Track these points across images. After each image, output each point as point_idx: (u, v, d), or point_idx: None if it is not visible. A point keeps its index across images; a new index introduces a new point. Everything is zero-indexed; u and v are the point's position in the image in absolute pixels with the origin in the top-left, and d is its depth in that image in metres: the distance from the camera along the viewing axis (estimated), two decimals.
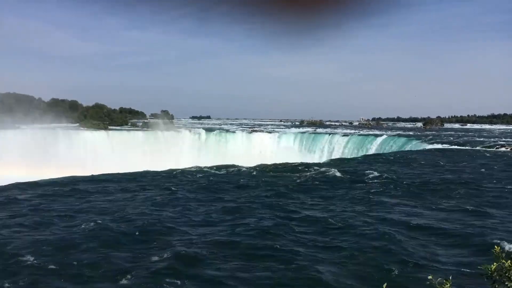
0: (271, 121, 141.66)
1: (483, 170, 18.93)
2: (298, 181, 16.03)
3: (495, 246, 2.97)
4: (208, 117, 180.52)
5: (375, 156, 27.99)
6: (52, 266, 7.12)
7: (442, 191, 13.82)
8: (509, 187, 14.60)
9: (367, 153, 36.02)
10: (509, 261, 2.82)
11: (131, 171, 18.04)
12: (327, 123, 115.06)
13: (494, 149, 30.78)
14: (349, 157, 34.63)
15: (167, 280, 6.63)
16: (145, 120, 71.79)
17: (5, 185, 14.34)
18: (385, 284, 3.41)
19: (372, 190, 14.00)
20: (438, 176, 16.88)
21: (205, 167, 19.80)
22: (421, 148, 33.57)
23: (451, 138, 42.06)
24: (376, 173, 17.06)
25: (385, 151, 34.97)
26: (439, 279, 2.93)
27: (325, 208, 11.46)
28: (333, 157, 38.03)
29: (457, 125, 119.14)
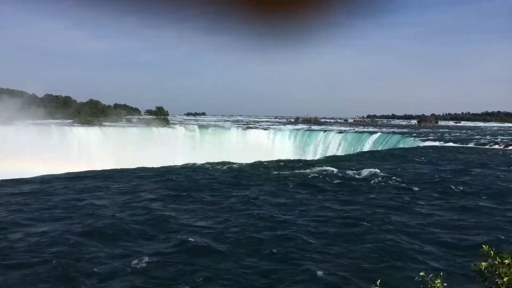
0: (267, 118, 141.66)
1: (478, 167, 19.04)
2: (292, 178, 16.03)
3: (483, 246, 2.98)
4: (203, 114, 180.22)
5: (370, 153, 28.06)
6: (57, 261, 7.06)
7: (435, 189, 13.89)
8: (503, 184, 14.71)
9: (362, 150, 36.10)
10: (498, 258, 2.83)
11: (125, 168, 17.94)
12: (322, 120, 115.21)
13: (487, 146, 31.01)
14: (344, 154, 34.71)
15: (168, 273, 6.60)
16: (140, 116, 71.45)
17: None
18: (379, 280, 3.40)
19: (366, 187, 14.04)
20: (431, 174, 16.96)
21: (200, 164, 19.73)
22: (415, 145, 33.73)
23: (445, 135, 42.29)
24: (370, 170, 17.10)
25: (379, 148, 35.07)
26: (431, 275, 2.92)
27: (319, 205, 11.47)
28: (328, 154, 38.10)
29: (451, 123, 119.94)
